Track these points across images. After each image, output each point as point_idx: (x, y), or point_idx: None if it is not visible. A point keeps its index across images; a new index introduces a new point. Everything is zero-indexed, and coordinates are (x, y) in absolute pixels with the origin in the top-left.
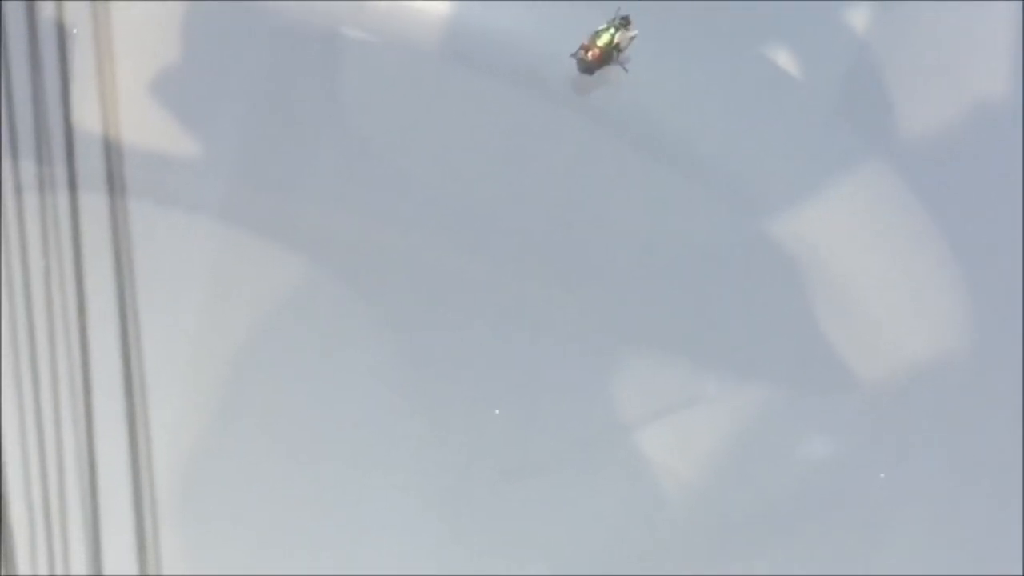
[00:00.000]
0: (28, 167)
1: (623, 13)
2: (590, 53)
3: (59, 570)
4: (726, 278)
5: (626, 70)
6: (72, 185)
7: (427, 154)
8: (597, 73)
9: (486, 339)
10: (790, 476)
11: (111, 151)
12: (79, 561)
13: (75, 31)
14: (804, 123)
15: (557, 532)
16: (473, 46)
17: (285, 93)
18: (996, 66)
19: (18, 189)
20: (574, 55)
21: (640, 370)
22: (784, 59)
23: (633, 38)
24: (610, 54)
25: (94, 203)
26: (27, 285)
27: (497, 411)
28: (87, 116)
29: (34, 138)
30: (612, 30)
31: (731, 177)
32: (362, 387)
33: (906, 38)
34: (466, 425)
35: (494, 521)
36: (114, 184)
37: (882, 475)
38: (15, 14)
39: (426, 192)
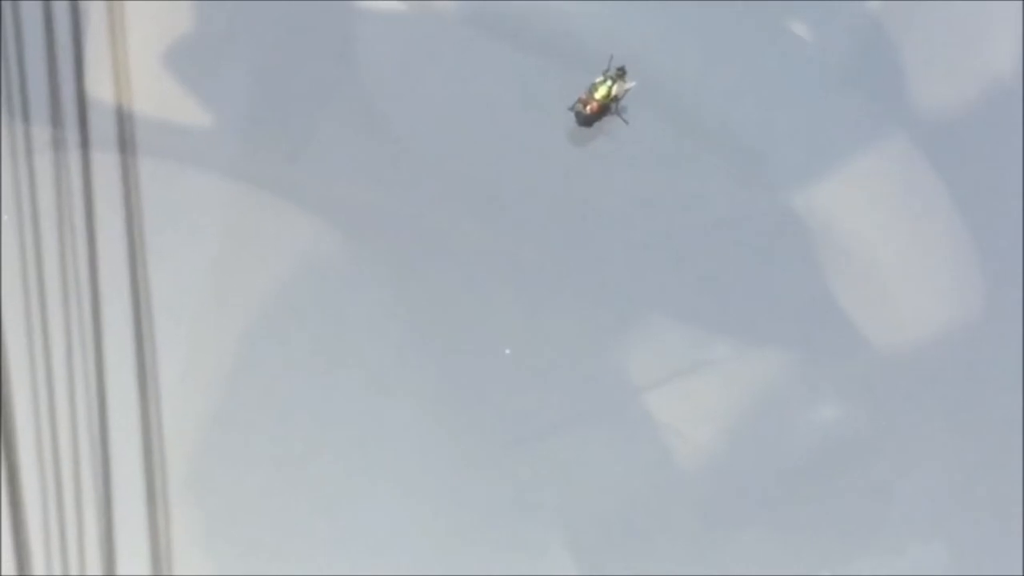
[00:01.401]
0: (41, 132)
1: (617, 64)
2: (588, 107)
3: (73, 569)
4: (740, 245)
5: (626, 122)
6: (84, 145)
7: (436, 118)
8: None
9: (497, 303)
10: (799, 440)
11: (123, 116)
12: (93, 559)
13: None
14: (821, 95)
15: (568, 493)
16: (485, 12)
17: (295, 57)
18: (1011, 40)
19: (29, 151)
20: (572, 108)
21: (651, 334)
22: (802, 32)
23: (629, 89)
24: (608, 106)
25: (106, 164)
26: (39, 254)
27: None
28: (99, 80)
29: (48, 103)
30: (609, 82)
31: (748, 147)
32: (372, 350)
33: (923, 11)
34: (478, 388)
35: (506, 482)
36: (126, 147)
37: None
38: None
39: (437, 156)
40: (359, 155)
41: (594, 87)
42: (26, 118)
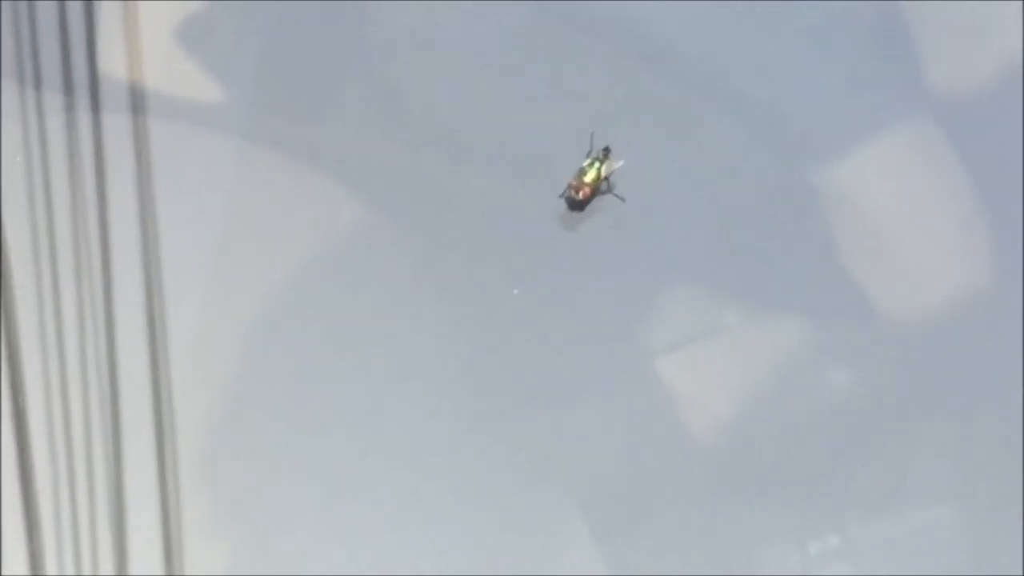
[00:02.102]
0: (53, 100)
1: (601, 145)
2: (580, 192)
3: (85, 558)
4: (759, 214)
5: (622, 199)
6: (96, 111)
7: (450, 82)
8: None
9: (513, 267)
10: (810, 405)
11: (135, 84)
12: (105, 547)
13: None
14: (849, 71)
15: (581, 455)
16: None
17: (307, 23)
18: None
19: (41, 114)
20: (563, 196)
21: (666, 299)
22: (831, 8)
23: (616, 169)
24: (598, 188)
25: (118, 133)
26: (50, 214)
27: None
28: (112, 50)
29: (60, 71)
30: (597, 163)
31: (770, 119)
32: (388, 311)
33: None
34: (495, 350)
35: (521, 444)
36: (138, 113)
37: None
38: None
39: (451, 120)
40: (373, 113)
41: (582, 171)
42: (38, 86)
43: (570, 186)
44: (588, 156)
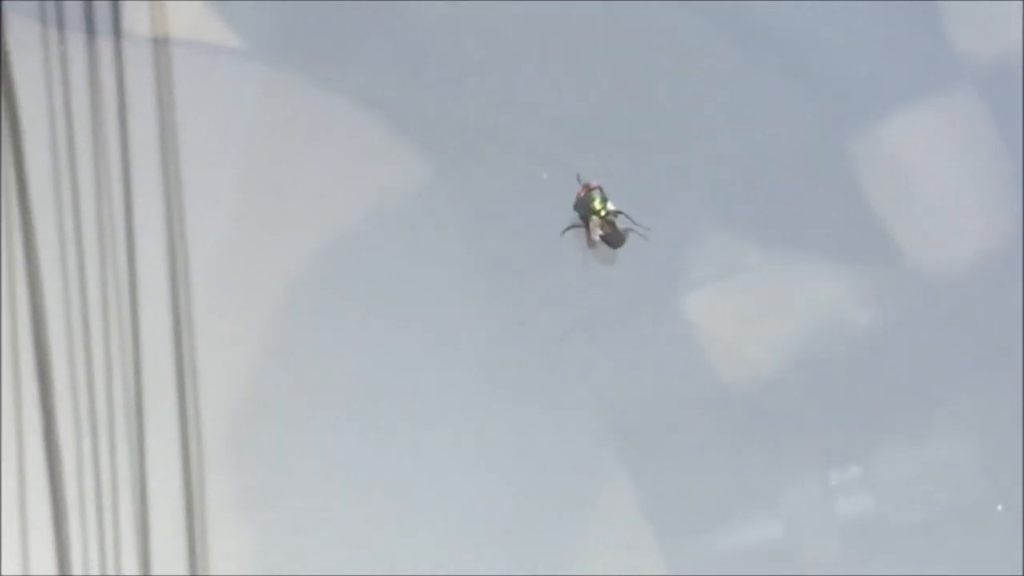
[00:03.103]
0: (76, 33)
1: (584, 182)
2: (601, 229)
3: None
4: (793, 160)
5: (647, 233)
6: (117, 33)
7: (472, 26)
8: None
9: (541, 206)
10: (829, 344)
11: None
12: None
13: None
14: (894, 37)
15: (605, 386)
16: None
17: None
18: None
19: (63, 43)
20: (590, 245)
21: (688, 237)
22: None
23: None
24: (613, 222)
25: (139, 58)
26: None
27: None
28: None
29: (82, 5)
30: (595, 194)
31: (817, 70)
32: (417, 252)
33: None
34: (520, 288)
35: (547, 376)
36: (159, 42)
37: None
38: None
39: (473, 62)
40: (396, 57)
41: (588, 208)
42: (60, 19)
43: (589, 236)
44: (581, 187)
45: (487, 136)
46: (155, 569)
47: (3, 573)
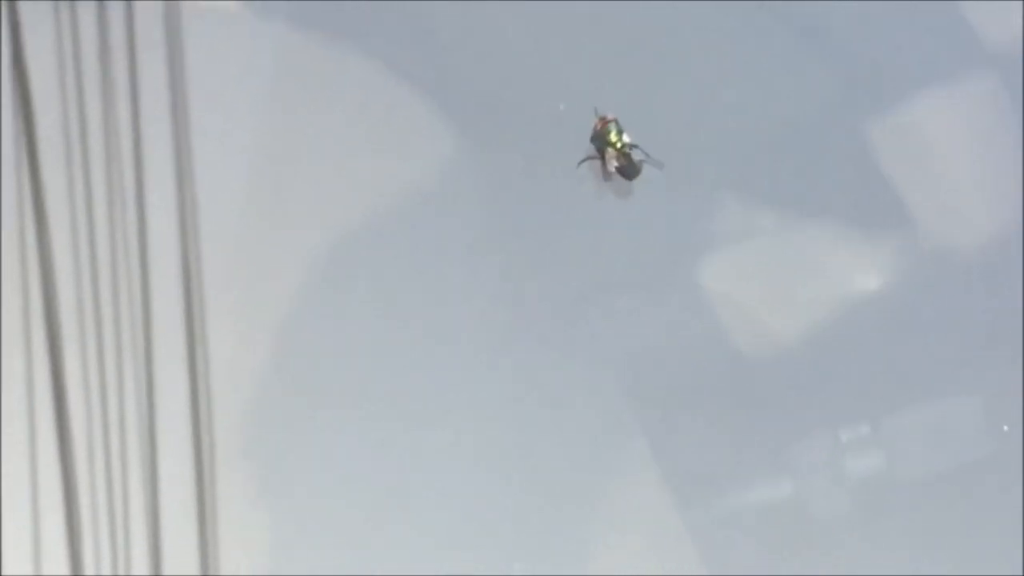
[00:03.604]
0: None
1: (600, 115)
2: (617, 161)
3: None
4: (809, 130)
5: (661, 165)
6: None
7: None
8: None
9: (557, 172)
10: (838, 308)
11: None
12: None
13: None
14: (917, 9)
15: (621, 348)
16: None
17: None
18: None
19: (75, 28)
20: (606, 178)
21: (702, 202)
22: None
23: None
24: (628, 154)
25: (151, 24)
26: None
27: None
28: None
29: None
30: (611, 129)
31: (835, 43)
32: (435, 217)
33: None
34: (539, 252)
35: (565, 338)
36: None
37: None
38: None
39: (492, 24)
40: (412, 19)
41: (603, 140)
42: None
43: (604, 168)
44: (596, 118)
45: (506, 104)
46: (166, 566)
47: (13, 572)
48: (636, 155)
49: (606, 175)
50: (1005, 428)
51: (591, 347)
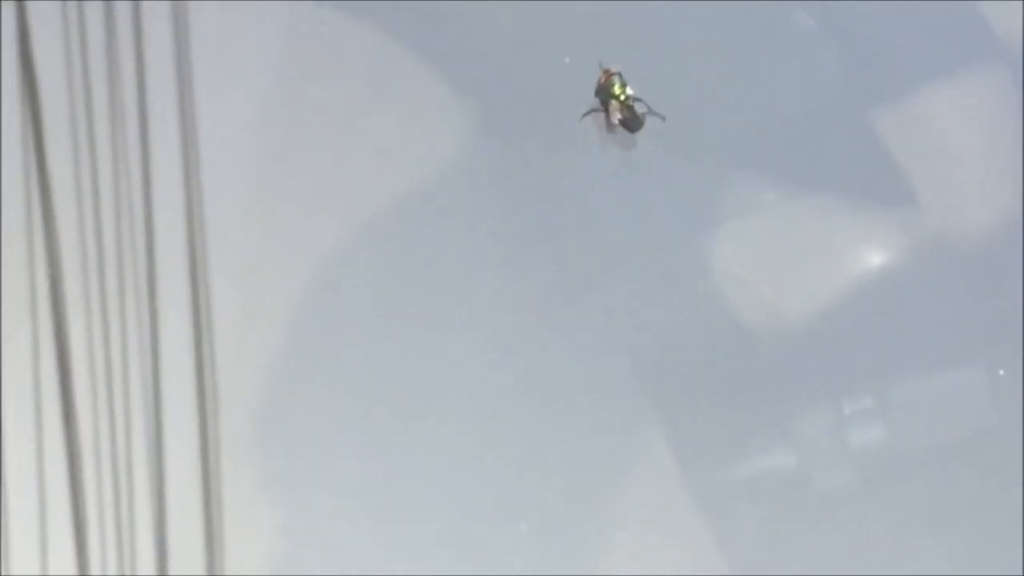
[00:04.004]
0: None
1: (604, 68)
2: (620, 113)
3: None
4: (813, 107)
5: (663, 118)
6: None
7: None
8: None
9: (561, 152)
10: (841, 284)
11: None
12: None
13: None
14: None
15: (625, 332)
16: None
17: None
18: None
19: (82, 15)
20: (609, 130)
21: (703, 178)
22: None
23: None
24: (632, 107)
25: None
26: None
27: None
28: None
29: None
30: (615, 82)
31: (843, 24)
32: (441, 213)
33: None
34: (542, 242)
35: (570, 323)
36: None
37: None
38: None
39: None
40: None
41: (607, 92)
42: None
43: (608, 119)
44: (601, 72)
45: (506, 103)
46: (172, 565)
47: (19, 571)
48: (639, 108)
49: (609, 127)
50: (1001, 372)
51: (595, 332)
